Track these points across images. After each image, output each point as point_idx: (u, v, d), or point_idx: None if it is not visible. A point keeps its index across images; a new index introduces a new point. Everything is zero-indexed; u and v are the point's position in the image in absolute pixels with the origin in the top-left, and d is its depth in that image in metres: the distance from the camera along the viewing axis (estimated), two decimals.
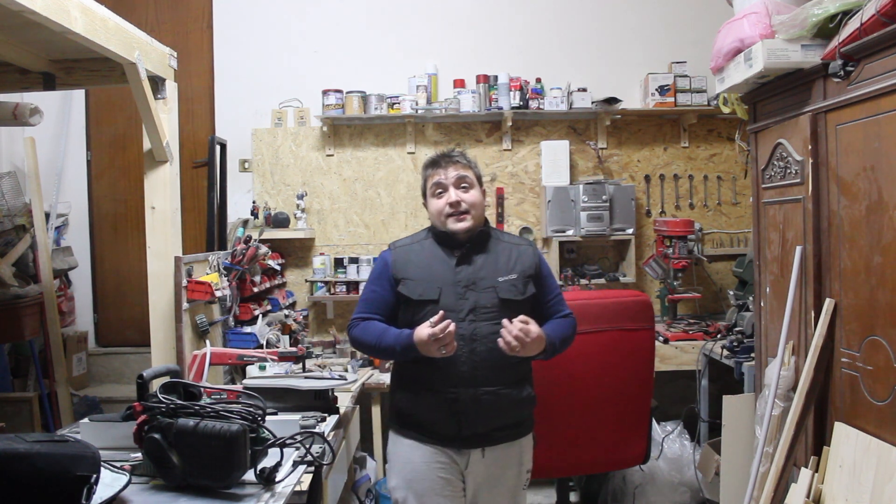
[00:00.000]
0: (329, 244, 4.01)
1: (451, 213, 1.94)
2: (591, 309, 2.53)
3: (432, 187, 1.99)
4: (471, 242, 1.96)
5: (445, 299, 1.88)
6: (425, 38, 4.04)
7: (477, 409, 1.86)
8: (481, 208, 2.00)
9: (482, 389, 1.86)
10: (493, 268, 1.93)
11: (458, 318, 1.85)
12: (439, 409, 1.87)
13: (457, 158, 2.01)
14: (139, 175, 2.75)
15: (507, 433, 1.95)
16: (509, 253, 1.98)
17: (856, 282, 1.90)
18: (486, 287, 1.91)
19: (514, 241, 2.07)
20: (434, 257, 1.96)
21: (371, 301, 1.99)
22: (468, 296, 1.89)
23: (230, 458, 1.46)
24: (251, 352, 2.56)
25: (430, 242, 2.00)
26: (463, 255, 1.94)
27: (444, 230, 1.97)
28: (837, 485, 1.84)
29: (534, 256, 2.01)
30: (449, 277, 1.91)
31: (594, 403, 2.55)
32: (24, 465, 1.24)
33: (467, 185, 1.98)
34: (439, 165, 1.99)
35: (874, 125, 1.80)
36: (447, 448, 1.91)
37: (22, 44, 2.34)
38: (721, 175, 4.05)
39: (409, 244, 2.03)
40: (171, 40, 2.87)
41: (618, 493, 3.24)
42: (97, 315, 4.15)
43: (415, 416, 1.94)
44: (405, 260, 1.97)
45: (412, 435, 1.95)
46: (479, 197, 1.99)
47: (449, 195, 1.95)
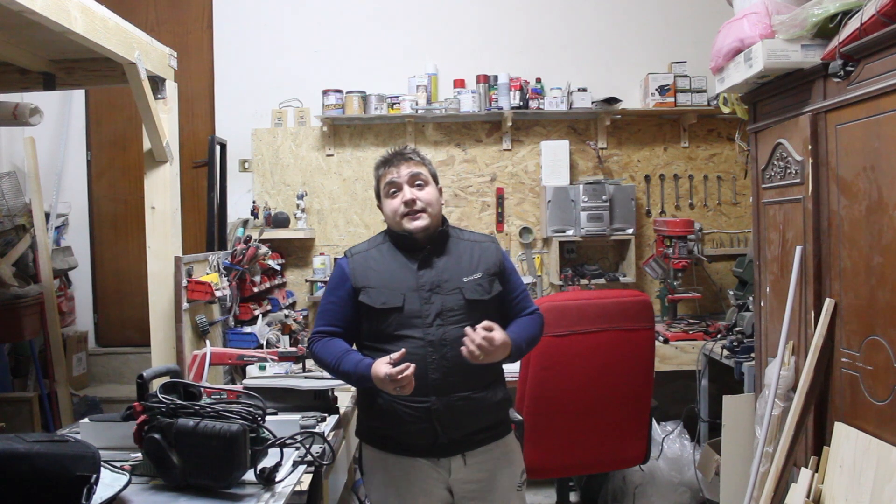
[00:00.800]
0: (329, 244, 4.01)
1: (406, 213, 1.85)
2: (591, 309, 2.53)
3: (385, 187, 1.90)
4: (431, 244, 1.87)
5: (410, 305, 1.80)
6: (425, 38, 4.04)
7: (452, 415, 1.78)
8: (438, 206, 1.90)
9: (456, 395, 1.78)
10: (456, 268, 1.85)
11: (424, 324, 1.79)
12: (413, 419, 1.78)
13: (409, 155, 1.92)
14: (139, 175, 2.75)
15: (484, 436, 1.87)
16: (471, 251, 1.90)
17: (856, 282, 1.90)
18: (451, 289, 1.82)
19: (476, 238, 1.97)
20: (394, 262, 1.87)
21: (330, 313, 1.90)
22: (433, 300, 1.81)
23: (230, 458, 1.46)
24: (251, 352, 2.56)
25: (388, 247, 1.91)
26: (424, 258, 1.86)
27: (401, 231, 1.88)
28: (837, 485, 1.84)
29: (497, 253, 1.93)
30: (411, 282, 1.82)
31: (594, 403, 2.55)
32: (24, 465, 1.24)
33: (422, 182, 1.88)
34: (391, 164, 1.90)
35: (874, 125, 1.79)
36: (425, 459, 1.83)
37: (22, 44, 2.34)
38: (721, 175, 4.05)
39: (366, 250, 1.93)
40: (171, 40, 2.87)
41: (618, 493, 3.25)
42: (97, 315, 4.15)
43: (388, 429, 1.84)
44: (364, 267, 1.87)
45: (389, 448, 1.87)
46: (434, 194, 1.90)
47: (403, 194, 1.86)
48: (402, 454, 1.85)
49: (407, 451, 1.84)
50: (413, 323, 1.79)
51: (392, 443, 1.86)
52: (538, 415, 2.52)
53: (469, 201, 4.01)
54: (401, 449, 1.85)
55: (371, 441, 1.92)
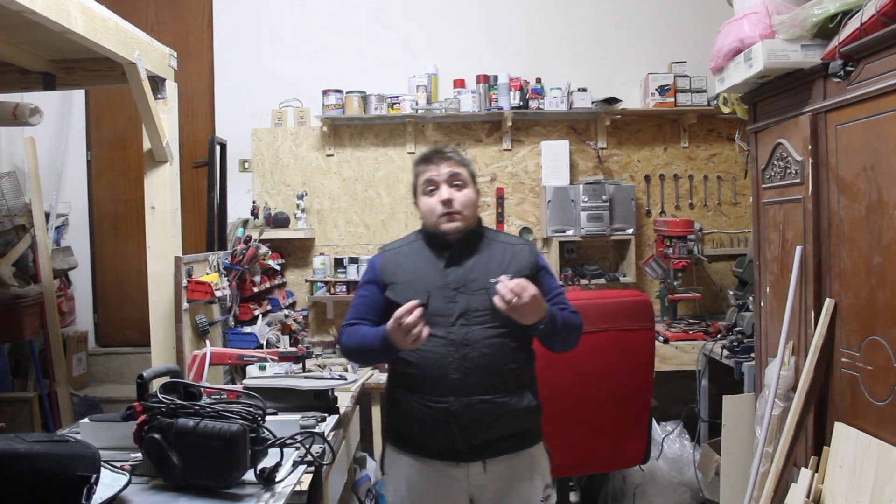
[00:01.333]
0: (329, 244, 4.01)
1: (443, 213, 1.83)
2: (591, 309, 2.52)
3: (423, 184, 1.88)
4: (461, 243, 1.86)
5: (434, 303, 1.77)
6: (425, 38, 4.05)
7: (471, 419, 1.74)
8: (474, 208, 1.89)
9: (476, 398, 1.74)
10: (484, 269, 1.82)
11: (448, 323, 1.77)
12: (431, 420, 1.76)
13: (450, 155, 1.89)
14: (139, 175, 2.75)
15: (509, 443, 1.81)
16: (503, 253, 1.87)
17: (856, 282, 1.90)
18: (477, 289, 1.79)
19: (510, 240, 1.95)
20: (423, 260, 1.87)
21: (360, 307, 1.91)
22: (458, 299, 1.79)
23: (230, 458, 1.46)
24: (251, 352, 2.56)
25: (420, 244, 1.91)
26: (452, 257, 1.84)
27: (435, 231, 1.87)
28: (837, 485, 1.84)
29: (530, 255, 1.89)
30: (438, 280, 1.81)
31: (594, 403, 2.55)
32: (24, 465, 1.24)
33: (460, 182, 1.87)
34: (431, 162, 1.88)
35: (874, 125, 1.80)
36: (444, 462, 1.79)
37: (22, 44, 2.34)
38: (721, 175, 4.05)
39: (398, 247, 1.94)
40: (171, 40, 2.87)
41: (618, 493, 3.24)
42: (97, 315, 4.15)
43: (407, 429, 1.83)
44: (394, 264, 1.88)
45: (407, 450, 1.85)
46: (472, 196, 1.88)
47: (441, 193, 1.84)
48: (422, 456, 1.82)
49: (426, 453, 1.81)
50: (436, 321, 1.76)
51: (412, 444, 1.84)
52: None
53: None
54: (420, 450, 1.82)
55: (393, 441, 1.91)
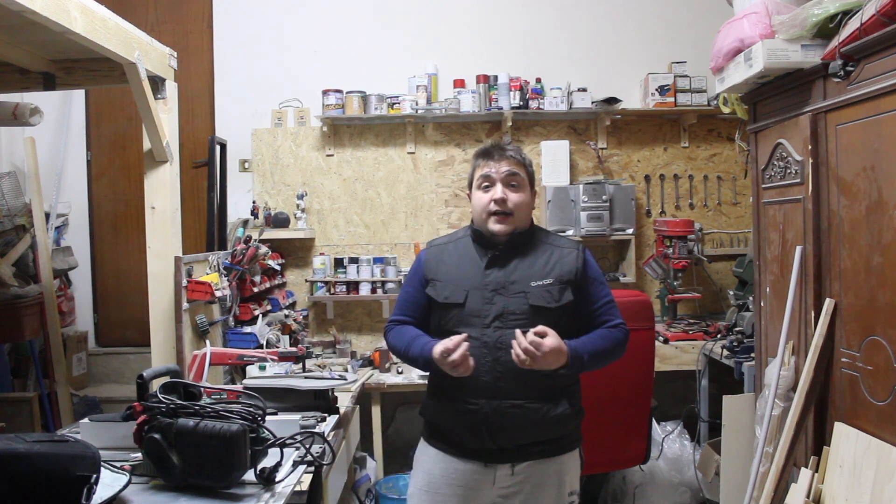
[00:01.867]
0: (329, 244, 4.01)
1: (494, 212, 1.79)
2: None
3: (479, 179, 1.83)
4: (506, 244, 1.81)
5: (471, 303, 1.75)
6: (425, 38, 4.04)
7: (501, 422, 1.71)
8: (528, 210, 1.83)
9: (507, 402, 1.71)
10: (527, 271, 1.77)
11: (482, 324, 1.73)
12: (462, 420, 1.74)
13: (511, 153, 1.82)
14: (139, 175, 2.75)
15: (542, 449, 1.77)
16: (549, 256, 1.81)
17: (856, 282, 1.90)
18: (516, 292, 1.75)
19: (560, 243, 1.86)
20: (466, 258, 1.83)
21: (405, 302, 1.90)
22: (496, 300, 1.74)
23: (230, 458, 1.46)
24: (251, 352, 2.56)
25: (466, 241, 1.87)
26: (495, 257, 1.79)
27: (483, 229, 1.82)
28: (837, 485, 1.84)
29: (577, 261, 1.81)
30: (477, 280, 1.77)
31: (594, 403, 2.54)
32: (24, 465, 1.24)
33: (517, 183, 1.81)
34: (491, 157, 1.82)
35: (874, 125, 1.80)
36: (473, 461, 1.77)
37: (22, 44, 2.34)
38: (721, 175, 4.05)
39: (445, 243, 1.90)
40: (171, 40, 2.87)
41: (618, 493, 3.24)
42: (97, 315, 4.15)
43: (440, 426, 1.83)
44: (438, 260, 1.86)
45: (438, 446, 1.84)
46: (527, 198, 1.82)
47: (495, 191, 1.79)
48: (451, 454, 1.81)
49: (457, 451, 1.80)
50: (471, 322, 1.74)
51: (444, 440, 1.83)
52: None
53: (469, 201, 4.00)
54: (451, 447, 1.81)
55: (427, 435, 1.90)
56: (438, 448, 1.84)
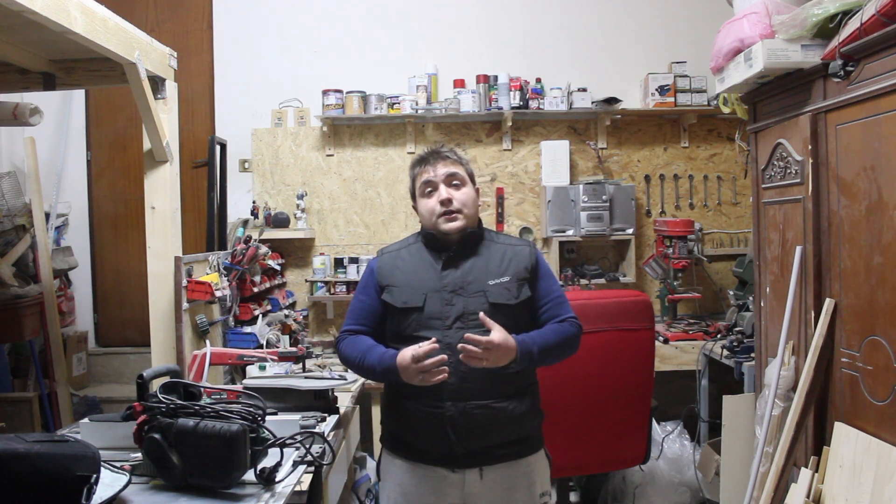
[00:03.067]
0: (329, 244, 4.01)
1: (442, 213, 1.81)
2: (591, 309, 2.52)
3: (422, 186, 1.86)
4: (459, 245, 1.83)
5: (430, 306, 1.75)
6: (425, 38, 4.04)
7: (468, 424, 1.71)
8: (474, 207, 1.86)
9: (472, 403, 1.71)
10: (483, 270, 1.79)
11: (444, 326, 1.73)
12: (427, 425, 1.73)
13: (446, 154, 1.87)
14: (139, 175, 2.75)
15: (508, 451, 1.77)
16: (503, 254, 1.84)
17: (856, 282, 1.90)
18: (474, 292, 1.77)
19: (510, 241, 1.91)
20: (421, 262, 1.84)
21: (358, 312, 1.87)
22: (455, 301, 1.75)
23: (230, 458, 1.46)
24: (251, 352, 2.56)
25: (418, 247, 1.88)
26: (450, 259, 1.81)
27: (435, 231, 1.84)
28: (837, 485, 1.84)
29: (530, 257, 1.85)
30: (434, 283, 1.78)
31: (594, 403, 2.55)
32: (24, 465, 1.24)
33: (458, 182, 1.84)
34: (428, 163, 1.86)
35: (874, 125, 1.79)
36: (440, 468, 1.76)
37: (22, 44, 2.34)
38: (721, 175, 4.05)
39: (396, 250, 1.91)
40: (171, 40, 2.87)
41: (618, 493, 3.24)
42: (97, 315, 4.15)
43: (404, 434, 1.81)
44: (391, 266, 1.86)
45: (403, 455, 1.82)
46: (471, 195, 1.86)
47: (439, 193, 1.82)
48: (418, 461, 1.79)
49: (422, 459, 1.78)
50: (432, 324, 1.74)
51: (409, 449, 1.81)
52: None
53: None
54: (417, 455, 1.79)
55: (389, 446, 1.88)
56: (404, 457, 1.82)
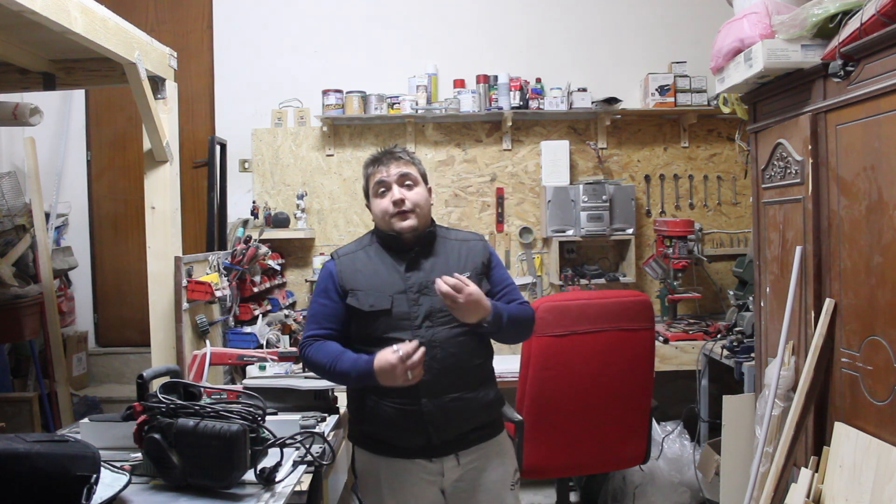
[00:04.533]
0: (329, 244, 4.01)
1: (395, 213, 1.84)
2: (591, 309, 2.53)
3: (375, 186, 1.89)
4: (419, 245, 1.87)
5: (398, 308, 1.79)
6: (425, 38, 4.04)
7: (444, 416, 1.77)
8: (427, 207, 1.90)
9: (448, 396, 1.77)
10: (444, 269, 1.81)
11: (413, 326, 1.77)
12: (405, 423, 1.78)
13: (399, 154, 1.91)
14: (139, 175, 2.75)
15: (478, 434, 1.86)
16: (459, 250, 1.89)
17: (856, 282, 1.90)
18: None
19: (463, 237, 1.96)
20: (382, 264, 1.86)
21: (321, 316, 1.87)
22: (422, 301, 1.80)
23: (230, 458, 1.46)
24: (251, 352, 2.56)
25: (375, 248, 1.90)
26: (412, 260, 1.85)
27: (389, 231, 1.86)
28: (837, 485, 1.84)
29: (484, 251, 1.92)
30: (399, 284, 1.81)
31: (594, 403, 2.55)
32: (24, 465, 1.24)
33: (411, 182, 1.88)
34: (381, 163, 1.90)
35: (874, 125, 1.79)
36: (419, 459, 1.82)
37: (22, 44, 2.34)
38: (721, 175, 4.05)
39: (353, 251, 1.92)
40: (171, 40, 2.87)
41: (618, 493, 3.24)
42: (97, 315, 4.15)
43: (380, 433, 1.83)
44: (352, 269, 1.86)
45: (381, 452, 1.85)
46: (423, 195, 1.89)
47: (392, 193, 1.85)
48: (395, 457, 1.83)
49: (400, 454, 1.82)
50: (402, 325, 1.78)
51: (385, 446, 1.84)
52: (538, 415, 2.52)
53: (469, 201, 4.01)
54: (394, 451, 1.83)
55: (364, 445, 1.90)
56: (382, 454, 1.85)
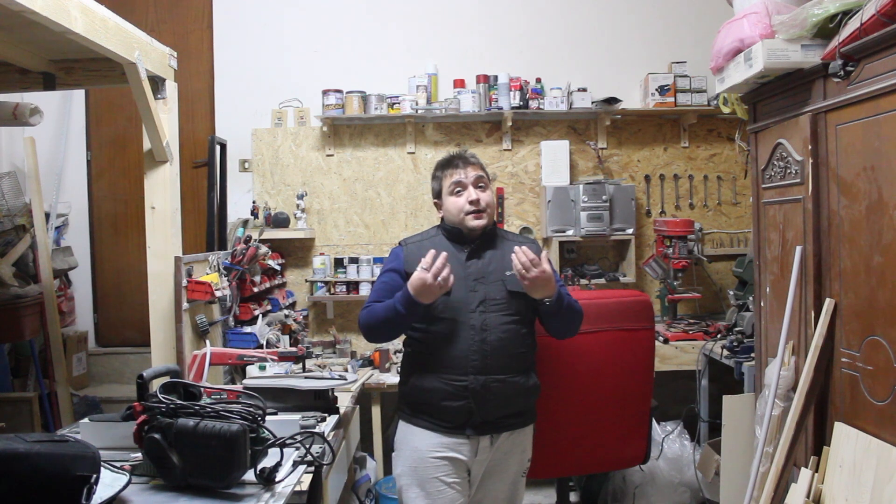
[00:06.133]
0: (329, 244, 4.01)
1: (470, 211, 2.04)
2: (591, 309, 2.52)
3: (451, 186, 2.08)
4: (480, 239, 2.07)
5: (456, 292, 1.96)
6: (425, 38, 4.05)
7: (486, 396, 1.94)
8: (494, 208, 2.13)
9: (492, 377, 1.95)
10: (500, 262, 2.02)
11: (468, 310, 1.97)
12: (451, 396, 1.95)
13: (473, 160, 2.12)
14: (139, 175, 2.75)
15: (513, 421, 2.04)
16: (515, 248, 2.02)
17: (856, 282, 1.90)
18: (494, 280, 2.01)
19: (519, 239, 2.18)
20: (445, 252, 2.01)
21: (381, 291, 2.05)
22: (478, 288, 1.99)
23: (230, 458, 1.46)
24: (251, 352, 2.56)
25: (440, 239, 2.10)
26: (473, 251, 2.05)
27: (461, 227, 2.06)
28: (837, 485, 1.84)
29: (537, 253, 2.03)
30: (459, 271, 1.99)
31: (594, 403, 2.55)
32: (24, 465, 1.24)
33: (484, 185, 2.10)
34: (458, 166, 2.09)
35: (874, 125, 1.79)
36: (456, 436, 1.98)
37: (22, 44, 2.34)
38: (721, 175, 4.05)
39: (420, 240, 2.12)
40: (171, 40, 2.87)
41: (618, 493, 3.25)
42: (97, 315, 4.15)
43: (427, 403, 2.00)
44: (417, 255, 2.01)
45: (422, 423, 2.02)
46: (493, 197, 2.12)
47: (469, 193, 2.05)
48: (435, 430, 1.99)
49: (441, 427, 1.99)
50: (457, 308, 1.97)
51: (428, 416, 2.01)
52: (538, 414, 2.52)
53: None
54: (436, 424, 1.99)
55: (408, 414, 2.07)
56: (423, 426, 2.02)
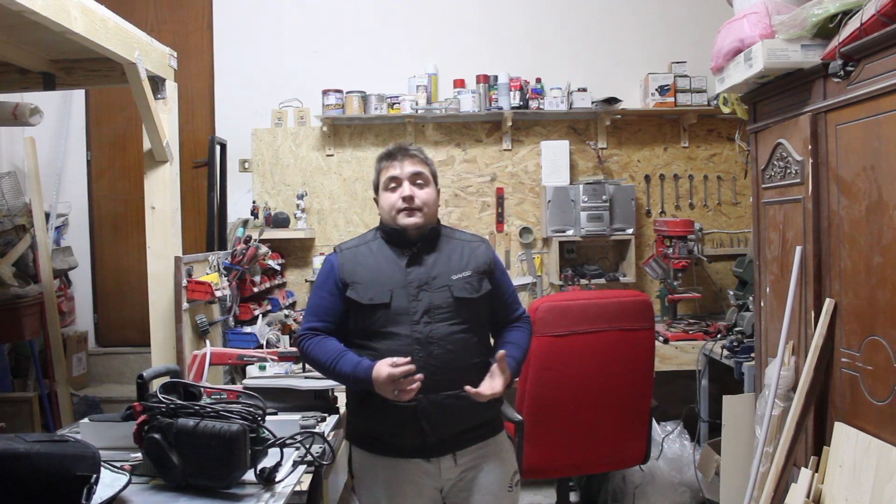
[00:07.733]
0: (329, 244, 4.00)
1: (402, 208, 1.85)
2: (591, 309, 2.53)
3: (386, 181, 1.89)
4: (421, 241, 1.87)
5: (397, 302, 1.79)
6: (425, 38, 4.04)
7: (440, 414, 1.76)
8: (434, 207, 1.91)
9: (443, 394, 1.76)
10: (445, 266, 1.85)
11: (411, 321, 1.78)
12: (401, 420, 1.77)
13: (413, 152, 1.91)
14: (139, 175, 2.75)
15: (476, 434, 1.86)
16: (461, 250, 1.90)
17: (856, 282, 1.90)
18: (439, 287, 1.82)
19: (468, 238, 1.97)
20: (383, 258, 1.87)
21: (320, 308, 1.87)
22: (421, 297, 1.80)
23: (230, 458, 1.46)
24: (251, 352, 2.56)
25: (378, 243, 1.90)
26: (414, 255, 1.85)
27: (394, 226, 1.87)
28: (837, 485, 1.84)
29: (487, 253, 1.94)
30: (400, 279, 1.82)
31: (594, 403, 2.56)
32: (24, 465, 1.24)
33: (422, 181, 1.89)
34: (395, 158, 1.89)
35: (874, 125, 1.79)
36: (416, 459, 1.81)
37: (22, 44, 2.34)
38: (721, 175, 4.05)
39: (356, 246, 1.92)
40: (171, 40, 2.88)
41: (618, 493, 3.25)
42: (97, 315, 4.15)
43: (377, 431, 1.83)
44: (353, 263, 1.87)
45: (379, 451, 1.85)
46: (433, 195, 1.90)
47: (402, 189, 1.85)
48: (393, 456, 1.82)
49: (397, 453, 1.82)
50: (400, 320, 1.78)
51: (381, 444, 1.84)
52: (538, 415, 2.52)
53: (469, 201, 4.01)
54: (391, 450, 1.82)
55: (361, 444, 1.90)
56: (379, 453, 1.85)
